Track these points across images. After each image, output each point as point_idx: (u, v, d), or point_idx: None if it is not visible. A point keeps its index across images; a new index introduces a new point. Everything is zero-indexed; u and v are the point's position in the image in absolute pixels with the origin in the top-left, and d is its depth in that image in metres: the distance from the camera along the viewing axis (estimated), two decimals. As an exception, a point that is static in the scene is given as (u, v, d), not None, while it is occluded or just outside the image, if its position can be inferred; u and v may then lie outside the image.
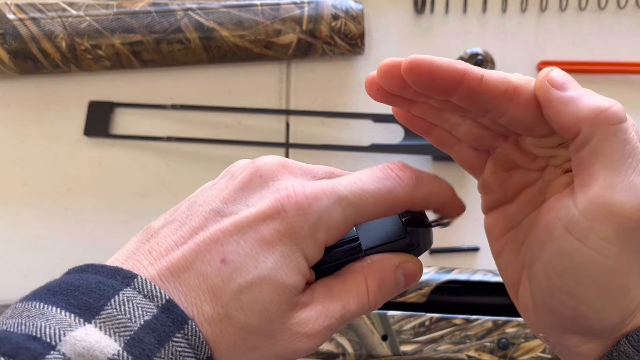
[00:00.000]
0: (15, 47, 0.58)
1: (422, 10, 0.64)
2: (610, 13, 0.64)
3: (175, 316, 0.25)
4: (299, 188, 0.28)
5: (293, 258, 0.27)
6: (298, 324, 0.28)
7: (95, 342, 0.23)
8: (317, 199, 0.28)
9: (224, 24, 0.58)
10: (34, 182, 0.62)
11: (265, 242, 0.27)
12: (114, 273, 0.26)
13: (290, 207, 0.27)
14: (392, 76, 0.31)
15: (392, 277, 0.30)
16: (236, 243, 0.27)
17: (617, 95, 0.66)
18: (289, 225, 0.27)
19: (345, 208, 0.28)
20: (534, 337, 0.51)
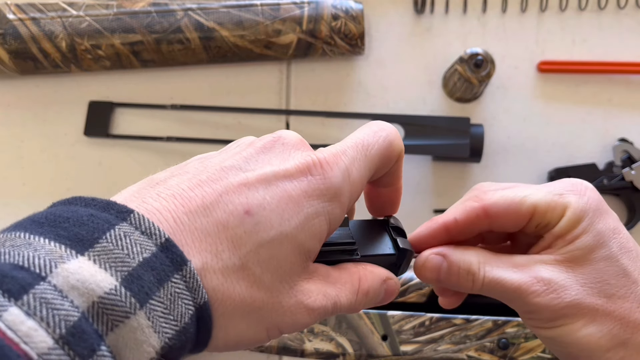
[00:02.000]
0: (15, 47, 0.58)
1: (422, 11, 0.64)
2: (610, 13, 0.64)
3: (175, 256, 0.24)
4: (320, 155, 0.29)
5: (317, 222, 0.28)
6: (303, 292, 0.28)
7: (89, 275, 0.22)
8: (337, 162, 0.29)
9: (224, 24, 0.58)
10: (34, 182, 0.62)
11: (292, 200, 0.27)
12: (107, 206, 0.25)
13: (316, 170, 0.28)
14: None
15: (378, 288, 0.32)
16: (262, 196, 0.27)
17: (617, 95, 0.67)
18: (316, 186, 0.28)
19: (355, 162, 0.30)
20: (534, 337, 0.51)
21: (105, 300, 0.22)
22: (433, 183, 0.61)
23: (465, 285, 0.34)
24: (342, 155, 0.29)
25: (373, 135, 0.31)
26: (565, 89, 0.63)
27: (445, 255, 0.35)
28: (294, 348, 0.51)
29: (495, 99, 0.62)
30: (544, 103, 0.62)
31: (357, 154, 0.30)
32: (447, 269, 0.34)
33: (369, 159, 0.31)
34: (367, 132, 0.32)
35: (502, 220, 0.35)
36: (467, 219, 0.35)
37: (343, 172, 0.29)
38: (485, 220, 0.35)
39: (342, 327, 0.51)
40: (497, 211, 0.34)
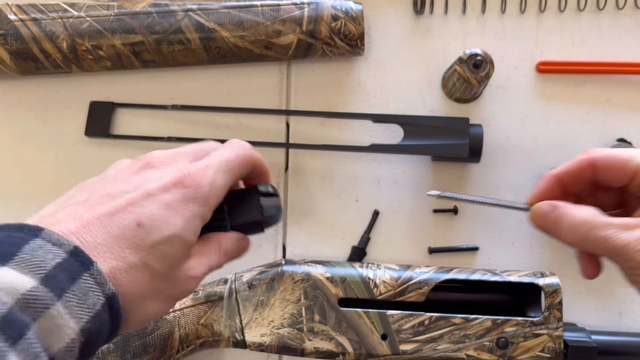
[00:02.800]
0: (16, 47, 0.59)
1: (422, 11, 0.64)
2: (609, 14, 0.64)
3: (82, 259, 0.30)
4: (190, 168, 0.38)
5: (193, 222, 0.37)
6: (189, 269, 0.38)
7: (12, 278, 0.28)
8: (205, 174, 0.38)
9: (224, 24, 0.58)
10: (35, 182, 0.63)
11: (172, 207, 0.36)
12: (19, 228, 0.31)
13: (188, 181, 0.37)
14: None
15: (234, 246, 0.42)
16: (148, 210, 0.35)
17: (616, 96, 0.67)
18: (189, 194, 0.37)
19: (218, 174, 0.39)
20: (533, 336, 0.51)
21: (28, 296, 0.28)
22: (432, 183, 0.61)
23: (571, 236, 0.41)
24: (208, 169, 0.38)
25: (231, 152, 0.41)
26: (564, 90, 0.63)
27: (555, 206, 0.43)
28: (294, 347, 0.52)
29: (495, 99, 0.63)
30: (543, 103, 0.62)
31: (219, 167, 0.39)
32: (555, 217, 0.42)
33: (229, 170, 0.40)
34: (227, 150, 0.41)
35: (607, 173, 0.42)
36: (576, 169, 0.43)
37: (210, 182, 0.38)
38: (591, 171, 0.42)
39: (341, 327, 0.51)
40: (603, 164, 0.42)
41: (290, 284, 0.52)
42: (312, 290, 0.52)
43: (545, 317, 0.51)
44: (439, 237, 0.60)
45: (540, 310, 0.52)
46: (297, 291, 0.52)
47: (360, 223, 0.60)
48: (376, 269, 0.54)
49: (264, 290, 0.52)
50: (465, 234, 0.60)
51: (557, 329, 0.51)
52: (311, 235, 0.60)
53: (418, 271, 0.53)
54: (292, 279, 0.53)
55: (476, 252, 0.60)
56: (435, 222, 0.60)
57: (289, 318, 0.52)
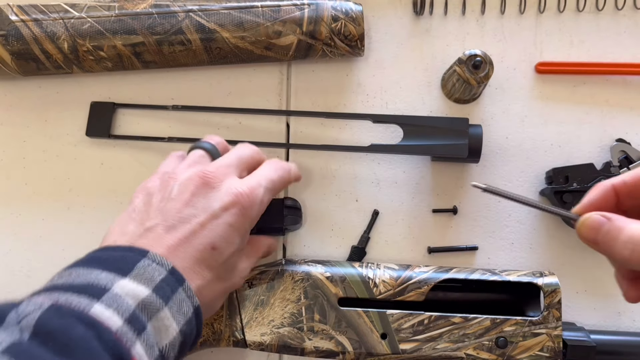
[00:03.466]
0: (17, 48, 0.59)
1: (421, 12, 0.64)
2: (608, 14, 0.64)
3: (177, 277, 0.39)
4: (243, 186, 0.45)
5: (247, 234, 0.47)
6: (242, 270, 0.48)
7: (132, 288, 0.36)
8: (256, 194, 0.46)
9: (224, 25, 0.59)
10: (36, 182, 0.63)
11: (234, 226, 0.44)
12: (129, 249, 0.40)
13: (244, 201, 0.45)
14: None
15: (267, 248, 0.53)
16: (216, 232, 0.43)
17: (615, 96, 0.67)
18: (245, 212, 0.45)
19: (266, 193, 0.47)
20: (532, 336, 0.51)
21: (145, 301, 0.37)
22: (432, 183, 0.61)
23: (627, 252, 0.36)
24: (259, 189, 0.46)
25: (275, 174, 0.49)
26: (563, 90, 0.63)
27: (610, 219, 0.38)
28: (294, 346, 0.52)
29: (494, 99, 0.63)
30: (542, 104, 0.63)
31: (267, 187, 0.47)
32: (608, 231, 0.37)
33: (273, 190, 0.48)
34: (272, 171, 0.49)
35: None
36: (636, 180, 0.38)
37: (260, 201, 0.46)
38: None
39: (341, 326, 0.52)
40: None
41: (290, 283, 0.53)
42: (312, 289, 0.53)
43: (544, 316, 0.51)
44: (439, 237, 0.60)
45: (539, 310, 0.53)
46: (297, 290, 0.53)
47: (360, 223, 0.61)
48: (376, 268, 0.54)
49: (264, 289, 0.53)
50: (465, 234, 0.60)
51: (556, 329, 0.51)
52: (311, 235, 0.61)
53: (417, 271, 0.53)
54: (292, 278, 0.53)
55: (475, 251, 0.60)
56: (434, 222, 0.61)
57: (289, 317, 0.52)
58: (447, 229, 0.61)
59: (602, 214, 0.38)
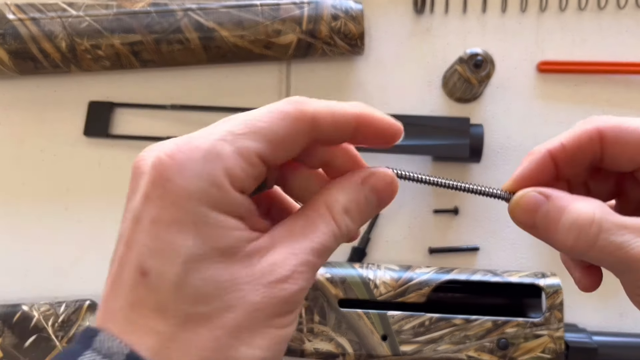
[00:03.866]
0: (15, 47, 0.58)
1: (422, 10, 0.64)
2: (610, 13, 0.64)
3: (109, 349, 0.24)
4: (166, 145, 0.27)
5: (210, 219, 0.25)
6: (264, 273, 0.26)
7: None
8: (188, 144, 0.27)
9: (223, 24, 0.58)
10: (34, 182, 0.62)
11: (160, 222, 0.25)
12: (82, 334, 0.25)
13: (162, 167, 0.26)
14: None
15: (359, 197, 0.29)
16: (140, 243, 0.25)
17: (616, 96, 0.66)
18: (173, 186, 0.25)
19: (232, 140, 0.26)
20: (534, 337, 0.51)
21: None
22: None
23: (571, 240, 0.28)
24: (198, 139, 0.28)
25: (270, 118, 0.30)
26: (565, 89, 0.63)
27: (549, 197, 0.29)
28: (294, 348, 0.51)
29: (495, 99, 0.62)
30: (544, 103, 0.62)
31: (232, 131, 0.28)
32: (547, 213, 0.29)
33: (254, 136, 0.28)
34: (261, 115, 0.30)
35: (619, 150, 0.29)
36: (576, 143, 0.30)
37: (206, 154, 0.27)
38: (597, 146, 0.29)
39: (341, 327, 0.51)
40: (614, 138, 0.29)
41: (290, 284, 0.52)
42: (312, 290, 0.52)
43: (546, 317, 0.51)
44: (439, 238, 0.60)
45: (541, 311, 0.52)
46: (297, 292, 0.52)
47: (360, 223, 0.60)
48: (376, 269, 0.53)
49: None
50: (466, 234, 0.60)
51: (558, 330, 0.50)
52: (311, 236, 0.60)
53: (418, 272, 0.53)
54: (292, 279, 0.52)
55: (476, 252, 0.60)
56: (435, 223, 0.60)
57: (288, 319, 0.52)
58: (448, 229, 0.60)
59: (539, 191, 0.30)
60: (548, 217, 0.29)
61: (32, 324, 0.56)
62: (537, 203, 0.29)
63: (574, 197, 0.29)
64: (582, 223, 0.28)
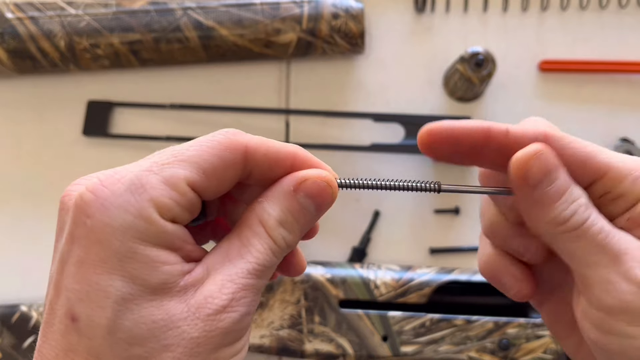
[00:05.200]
0: (13, 46, 0.58)
1: (423, 9, 0.64)
2: (612, 12, 0.63)
3: None
4: (89, 179, 0.26)
5: (138, 255, 0.24)
6: (200, 306, 0.25)
7: None
8: (113, 177, 0.26)
9: (223, 22, 0.58)
10: (33, 181, 0.62)
11: (85, 262, 0.24)
12: None
13: (84, 203, 0.24)
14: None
15: (293, 206, 0.27)
16: (68, 287, 0.24)
17: (619, 95, 0.66)
18: (96, 223, 0.24)
19: (159, 170, 0.25)
20: (535, 338, 0.50)
21: None
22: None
23: (560, 216, 0.26)
24: (124, 173, 0.27)
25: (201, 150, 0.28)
26: (567, 88, 0.62)
27: (561, 170, 0.27)
28: (294, 349, 0.51)
29: (497, 98, 0.62)
30: (545, 102, 0.62)
31: (160, 163, 0.27)
32: (557, 181, 0.26)
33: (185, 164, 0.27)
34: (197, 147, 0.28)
35: (569, 168, 0.27)
36: (521, 137, 0.27)
37: (132, 185, 0.26)
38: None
39: (342, 328, 0.51)
40: (561, 149, 0.27)
41: (290, 285, 0.52)
42: (313, 291, 0.52)
43: (547, 318, 0.50)
44: (440, 238, 0.60)
45: (542, 312, 0.52)
46: (297, 292, 0.52)
47: (360, 223, 0.60)
48: (377, 269, 0.53)
49: (263, 291, 0.52)
50: (467, 234, 0.60)
51: (560, 331, 0.50)
52: (311, 236, 0.60)
53: (419, 272, 0.53)
54: (292, 280, 0.52)
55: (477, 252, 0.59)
56: (436, 223, 0.60)
57: (288, 319, 0.51)
58: (449, 229, 0.60)
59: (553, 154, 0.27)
60: (555, 186, 0.27)
61: (31, 325, 0.55)
62: (556, 165, 0.27)
63: (571, 178, 0.28)
64: (582, 202, 0.27)
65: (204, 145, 0.27)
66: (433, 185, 0.29)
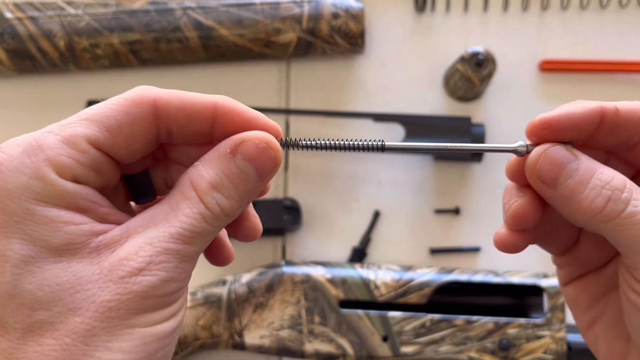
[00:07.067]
0: (13, 46, 0.58)
1: (423, 9, 0.64)
2: (612, 12, 0.63)
3: None
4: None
5: (36, 216, 0.23)
6: (113, 268, 0.23)
7: None
8: (10, 149, 0.25)
9: (223, 22, 0.58)
10: (32, 182, 0.62)
11: None
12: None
13: None
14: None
15: (230, 169, 0.25)
16: None
17: (619, 95, 0.66)
18: None
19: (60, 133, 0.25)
20: (536, 338, 0.50)
21: None
22: (434, 183, 0.60)
23: (593, 204, 0.25)
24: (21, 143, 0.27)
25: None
26: (567, 88, 0.62)
27: (578, 156, 0.27)
28: (294, 349, 0.51)
29: (497, 98, 0.62)
30: (546, 102, 0.62)
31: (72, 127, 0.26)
32: (576, 171, 0.26)
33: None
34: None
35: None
36: (630, 114, 0.27)
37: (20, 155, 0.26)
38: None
39: (342, 328, 0.51)
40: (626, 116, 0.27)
41: (290, 285, 0.52)
42: (312, 291, 0.52)
43: (547, 318, 0.50)
44: (440, 238, 0.60)
45: (542, 312, 0.52)
46: (297, 292, 0.52)
47: (360, 223, 0.60)
48: (377, 270, 0.53)
49: (263, 291, 0.52)
50: (467, 234, 0.60)
51: (560, 331, 0.50)
52: (311, 236, 0.60)
53: (419, 272, 0.53)
54: (292, 280, 0.52)
55: (478, 252, 0.59)
56: (436, 222, 0.60)
57: (288, 319, 0.51)
58: (449, 229, 0.60)
59: (567, 149, 0.27)
60: (576, 176, 0.26)
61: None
62: (567, 157, 0.26)
63: (600, 163, 0.27)
64: (616, 185, 0.25)
65: (109, 103, 0.26)
66: (377, 142, 0.29)
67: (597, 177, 0.26)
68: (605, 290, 0.31)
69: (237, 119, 0.26)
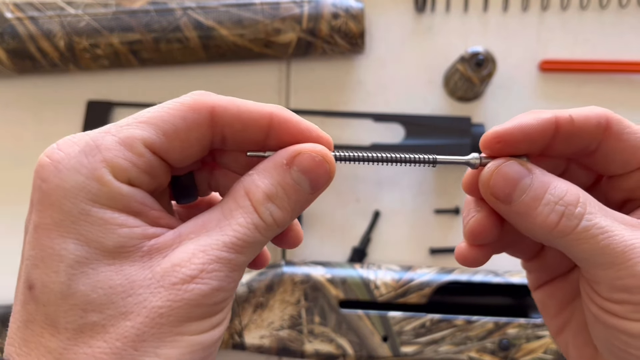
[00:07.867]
0: (13, 46, 0.58)
1: (423, 9, 0.64)
2: (612, 12, 0.63)
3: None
4: (50, 148, 0.24)
5: (91, 217, 0.23)
6: (166, 274, 0.23)
7: None
8: (65, 143, 0.24)
9: (223, 22, 0.58)
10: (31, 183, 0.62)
11: (41, 228, 0.23)
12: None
13: (42, 170, 0.24)
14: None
15: (285, 180, 0.25)
16: (26, 255, 0.24)
17: (619, 95, 0.66)
18: (49, 189, 0.23)
19: (116, 132, 0.24)
20: (535, 338, 0.50)
21: None
22: (434, 183, 0.60)
23: (547, 219, 0.25)
24: (79, 139, 0.25)
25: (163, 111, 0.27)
26: (567, 88, 0.62)
27: (532, 170, 0.26)
28: (294, 349, 0.51)
29: (497, 98, 0.62)
30: (546, 102, 0.62)
31: (128, 126, 0.26)
32: (530, 187, 0.26)
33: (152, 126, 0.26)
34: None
35: (616, 148, 0.27)
36: (585, 122, 0.27)
37: (84, 151, 0.25)
38: (600, 135, 0.27)
39: (342, 328, 0.51)
40: (619, 133, 0.27)
41: (290, 285, 0.52)
42: (313, 291, 0.52)
43: (548, 318, 0.50)
44: (441, 238, 0.60)
45: (542, 312, 0.52)
46: (297, 292, 0.52)
47: (360, 223, 0.60)
48: (377, 270, 0.53)
49: (263, 291, 0.52)
50: (467, 235, 0.60)
51: (560, 331, 0.50)
52: (311, 236, 0.60)
53: (419, 272, 0.53)
54: (292, 280, 0.52)
55: (478, 252, 0.59)
56: (436, 223, 0.60)
57: (288, 319, 0.51)
58: (449, 229, 0.60)
59: (521, 163, 0.26)
60: (530, 192, 0.26)
61: (31, 325, 0.55)
62: (520, 173, 0.26)
63: (555, 176, 0.27)
64: (569, 200, 0.25)
65: (166, 106, 0.25)
66: (429, 157, 0.29)
67: (551, 192, 0.26)
68: (572, 296, 0.31)
69: (292, 130, 0.26)
